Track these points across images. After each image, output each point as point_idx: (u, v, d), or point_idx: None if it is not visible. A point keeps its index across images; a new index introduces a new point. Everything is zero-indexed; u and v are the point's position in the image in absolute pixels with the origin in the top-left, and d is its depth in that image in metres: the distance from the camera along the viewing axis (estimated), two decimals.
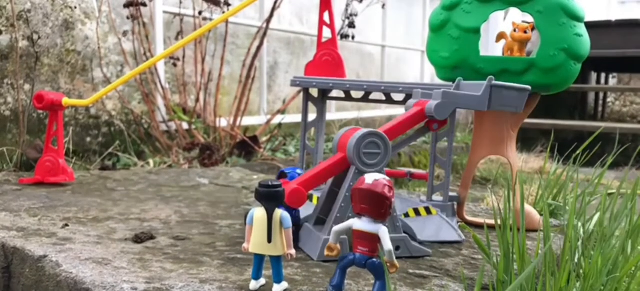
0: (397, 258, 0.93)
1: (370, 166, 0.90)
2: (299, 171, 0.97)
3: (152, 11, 2.37)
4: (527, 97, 0.95)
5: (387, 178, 0.72)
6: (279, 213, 0.76)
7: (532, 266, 0.70)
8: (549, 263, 0.81)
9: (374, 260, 0.71)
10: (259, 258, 0.78)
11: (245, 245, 0.78)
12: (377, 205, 0.71)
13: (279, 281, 0.78)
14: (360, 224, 0.72)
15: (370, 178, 0.72)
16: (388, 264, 0.70)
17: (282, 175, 0.97)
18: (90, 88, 2.19)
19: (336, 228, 0.73)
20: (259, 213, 0.76)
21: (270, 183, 0.76)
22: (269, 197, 0.76)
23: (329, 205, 0.96)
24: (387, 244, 0.70)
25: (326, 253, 0.73)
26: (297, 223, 0.97)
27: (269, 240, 0.76)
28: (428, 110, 0.93)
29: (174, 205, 1.31)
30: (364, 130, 0.90)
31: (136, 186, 1.53)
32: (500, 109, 0.93)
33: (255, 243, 0.77)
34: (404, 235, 0.95)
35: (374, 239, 0.71)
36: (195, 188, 1.55)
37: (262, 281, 0.80)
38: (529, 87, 0.96)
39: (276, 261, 0.77)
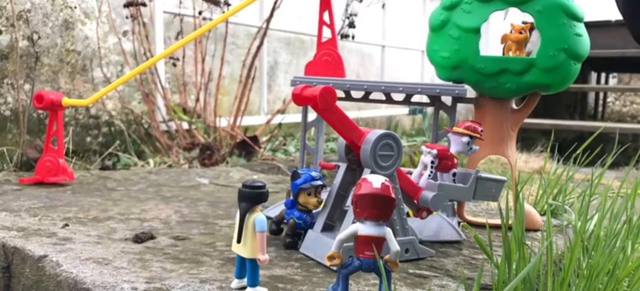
0: (405, 260, 0.92)
1: (384, 168, 0.88)
2: (313, 173, 0.96)
3: (152, 11, 2.37)
4: (502, 188, 0.99)
5: (387, 179, 0.72)
6: (255, 215, 0.75)
7: (529, 266, 0.70)
8: (550, 263, 0.81)
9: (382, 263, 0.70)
10: (241, 258, 0.77)
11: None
12: (387, 209, 0.70)
13: (253, 285, 0.76)
14: (366, 229, 0.70)
15: (376, 181, 0.70)
16: (389, 264, 0.70)
17: (295, 175, 0.96)
18: (90, 88, 2.19)
19: (340, 236, 0.71)
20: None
21: (252, 184, 0.75)
22: (246, 197, 0.75)
23: (336, 209, 0.95)
24: (395, 245, 0.70)
25: (328, 263, 0.70)
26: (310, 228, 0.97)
27: (238, 241, 0.75)
28: (424, 201, 0.94)
29: (174, 204, 1.31)
30: (379, 131, 0.88)
31: (136, 186, 1.53)
32: (481, 199, 0.98)
33: (233, 242, 0.77)
34: (412, 237, 0.94)
35: (380, 242, 0.70)
36: (195, 188, 1.55)
37: (245, 281, 0.78)
38: (505, 178, 1.00)
39: (250, 264, 0.75)
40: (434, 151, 0.96)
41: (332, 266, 0.70)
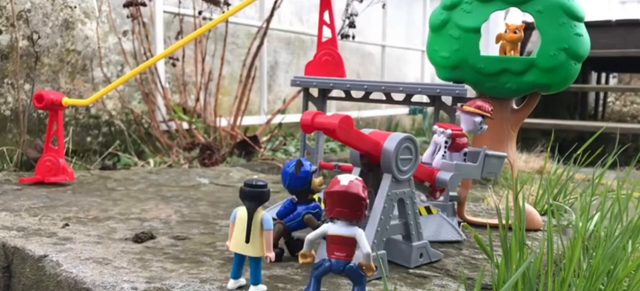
0: (421, 267, 0.89)
1: (403, 173, 0.86)
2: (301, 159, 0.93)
3: (152, 11, 2.37)
4: (503, 163, 1.01)
5: (360, 178, 0.70)
6: (261, 214, 0.75)
7: (527, 263, 0.70)
8: (550, 263, 0.81)
9: (352, 264, 0.69)
10: (239, 258, 0.77)
11: (227, 242, 0.78)
12: (354, 207, 0.68)
13: (255, 283, 0.76)
14: (336, 229, 0.69)
15: (344, 179, 0.69)
16: (364, 267, 0.68)
17: (299, 164, 0.91)
18: (90, 88, 2.19)
19: (309, 237, 0.70)
20: (241, 212, 0.76)
21: (254, 183, 0.75)
22: (252, 197, 0.75)
23: None
24: (366, 247, 0.68)
25: (300, 260, 0.70)
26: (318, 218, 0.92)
27: (247, 240, 0.75)
28: (441, 182, 0.92)
29: (174, 204, 1.31)
30: (399, 135, 0.85)
31: (136, 186, 1.53)
32: (487, 176, 0.99)
33: (236, 242, 0.76)
34: (425, 241, 0.92)
35: (351, 243, 0.69)
36: (195, 187, 1.55)
37: (242, 281, 0.79)
38: (505, 154, 1.01)
39: (255, 262, 0.76)
40: (449, 131, 0.95)
41: (304, 264, 0.70)
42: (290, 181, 0.91)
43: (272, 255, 0.75)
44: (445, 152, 0.96)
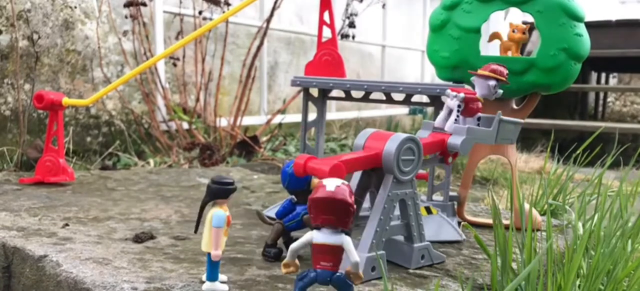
0: (421, 267, 0.89)
1: (405, 174, 0.85)
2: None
3: (152, 11, 2.37)
4: (519, 130, 0.99)
5: (347, 182, 0.67)
6: (214, 210, 0.74)
7: (530, 266, 0.70)
8: (550, 263, 0.81)
9: (340, 274, 0.65)
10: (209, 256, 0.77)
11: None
12: (342, 214, 0.65)
13: (210, 279, 0.76)
14: (322, 237, 0.65)
15: (330, 184, 0.65)
16: (351, 276, 0.65)
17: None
18: (90, 88, 2.19)
19: (293, 246, 0.67)
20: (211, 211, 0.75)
21: (221, 179, 0.74)
22: (209, 192, 0.74)
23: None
24: (354, 256, 0.64)
25: (283, 270, 0.67)
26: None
27: (195, 231, 0.77)
28: (453, 146, 0.91)
29: (174, 204, 1.31)
30: (401, 135, 0.84)
31: (136, 186, 1.53)
32: (501, 142, 0.96)
33: (203, 240, 0.76)
34: (427, 243, 0.92)
35: (338, 251, 0.65)
36: (195, 188, 1.55)
37: (224, 279, 0.79)
38: (521, 121, 0.99)
39: (208, 258, 0.75)
40: (461, 95, 0.92)
41: (287, 273, 0.67)
42: (290, 181, 0.91)
43: (216, 253, 0.73)
44: (457, 116, 0.93)
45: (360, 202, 0.91)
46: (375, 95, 1.21)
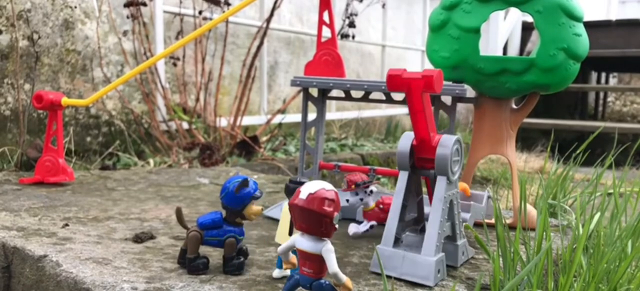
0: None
1: (455, 174, 0.85)
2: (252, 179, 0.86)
3: (152, 11, 2.37)
4: None
5: (330, 188, 0.63)
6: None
7: (530, 265, 0.70)
8: (550, 263, 0.81)
9: (321, 281, 0.64)
10: None
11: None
12: (314, 224, 0.62)
13: (279, 268, 0.83)
14: (303, 243, 0.63)
15: (305, 190, 0.62)
16: (336, 286, 0.63)
17: (244, 183, 0.82)
18: (90, 88, 2.19)
19: (279, 250, 0.66)
20: (286, 206, 0.79)
21: (298, 180, 0.81)
22: (290, 192, 0.80)
23: (401, 221, 0.87)
24: (332, 266, 0.62)
25: (284, 266, 0.69)
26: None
27: (290, 233, 0.79)
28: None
29: (174, 204, 1.31)
30: (452, 137, 0.83)
31: (136, 186, 1.53)
32: None
33: (279, 233, 0.83)
34: (464, 240, 0.92)
35: (318, 259, 0.63)
36: (195, 187, 1.55)
37: (285, 271, 0.83)
38: None
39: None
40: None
41: (287, 268, 0.72)
42: (226, 195, 0.83)
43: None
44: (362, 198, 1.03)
45: (406, 206, 0.89)
46: (375, 95, 1.21)
